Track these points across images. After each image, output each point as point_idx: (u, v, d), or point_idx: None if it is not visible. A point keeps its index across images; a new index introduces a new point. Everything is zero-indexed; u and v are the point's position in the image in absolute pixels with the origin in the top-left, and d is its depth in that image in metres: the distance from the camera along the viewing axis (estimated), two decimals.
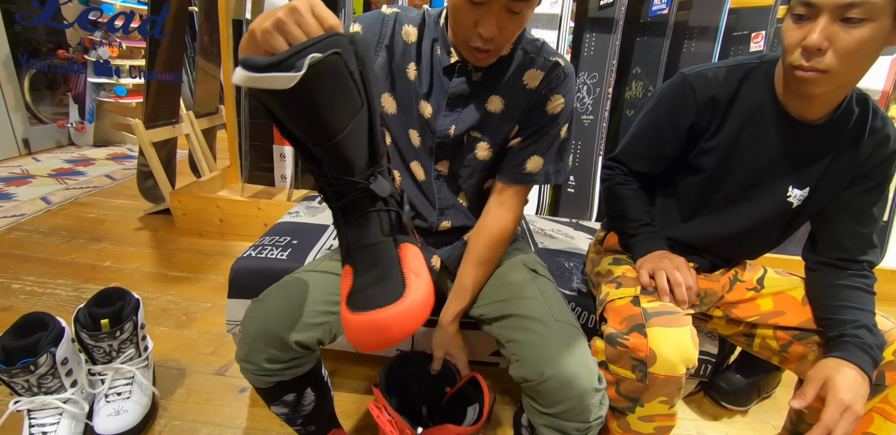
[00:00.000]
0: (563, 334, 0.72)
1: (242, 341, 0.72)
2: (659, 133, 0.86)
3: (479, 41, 0.68)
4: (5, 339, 0.89)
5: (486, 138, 0.81)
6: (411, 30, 0.79)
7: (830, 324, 0.77)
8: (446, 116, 0.79)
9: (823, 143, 0.78)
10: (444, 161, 0.83)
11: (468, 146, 0.82)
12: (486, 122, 0.79)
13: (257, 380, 0.73)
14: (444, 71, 0.77)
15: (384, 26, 0.78)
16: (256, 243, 1.11)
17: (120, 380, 1.02)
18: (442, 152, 0.82)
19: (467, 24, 0.67)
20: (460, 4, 0.66)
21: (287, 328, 0.70)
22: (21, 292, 1.49)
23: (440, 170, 0.84)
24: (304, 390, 0.78)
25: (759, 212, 0.83)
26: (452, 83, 0.77)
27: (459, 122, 0.79)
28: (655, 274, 0.78)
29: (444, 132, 0.79)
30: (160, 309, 1.46)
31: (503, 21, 0.66)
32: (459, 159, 0.83)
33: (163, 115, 2.07)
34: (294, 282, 0.78)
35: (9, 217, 1.99)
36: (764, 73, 0.78)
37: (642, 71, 1.90)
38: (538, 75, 0.77)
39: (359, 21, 0.78)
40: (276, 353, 0.70)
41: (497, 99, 0.78)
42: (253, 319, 0.72)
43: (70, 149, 3.08)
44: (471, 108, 0.79)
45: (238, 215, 1.99)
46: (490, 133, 0.80)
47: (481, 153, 0.82)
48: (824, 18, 0.63)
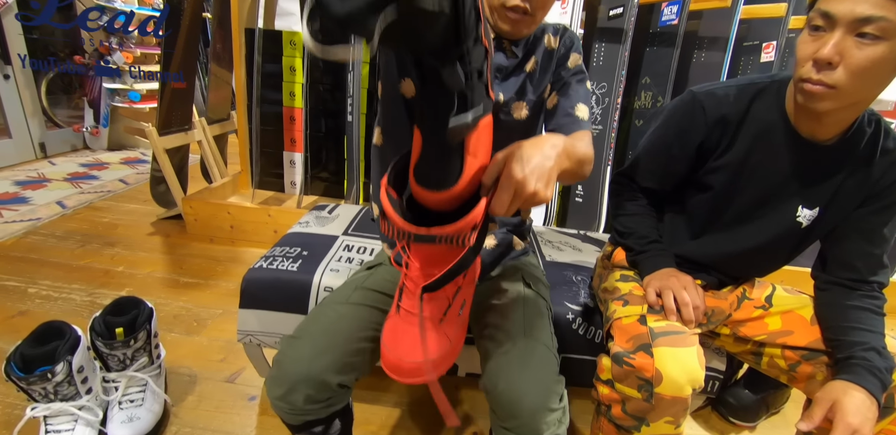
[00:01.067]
0: (526, 351, 0.73)
1: (278, 381, 0.70)
2: (668, 150, 0.86)
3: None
4: (24, 347, 0.91)
5: (524, 98, 0.83)
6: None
7: (839, 345, 0.77)
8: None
9: (834, 164, 0.78)
10: None
11: (505, 109, 0.83)
12: (524, 83, 0.82)
13: (291, 418, 0.73)
14: None
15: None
16: (267, 254, 1.13)
17: (133, 387, 1.04)
18: None
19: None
20: None
21: (330, 371, 0.69)
22: (37, 296, 1.52)
23: None
24: (333, 422, 0.78)
25: (768, 231, 0.83)
26: (495, 58, 0.78)
27: (505, 91, 0.80)
28: (662, 293, 0.79)
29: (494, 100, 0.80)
30: (172, 315, 1.48)
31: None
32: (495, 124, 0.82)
33: (176, 122, 2.10)
34: (329, 318, 0.77)
35: (25, 221, 2.03)
36: (775, 93, 0.78)
37: (651, 81, 1.90)
38: (554, 39, 0.83)
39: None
40: (316, 394, 0.69)
41: (533, 58, 0.82)
42: (293, 360, 0.70)
43: (85, 152, 3.14)
44: (513, 77, 0.81)
45: (249, 222, 2.02)
46: (528, 92, 0.83)
47: (518, 113, 0.83)
48: (839, 32, 0.63)
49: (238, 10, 2.02)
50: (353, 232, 1.28)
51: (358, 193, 2.08)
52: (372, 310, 0.80)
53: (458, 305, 0.67)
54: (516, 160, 0.55)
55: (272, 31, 2.13)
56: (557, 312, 1.02)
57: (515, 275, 0.90)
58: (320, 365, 0.69)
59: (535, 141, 0.59)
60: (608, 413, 0.77)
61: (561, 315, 1.02)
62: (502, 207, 0.55)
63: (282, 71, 2.14)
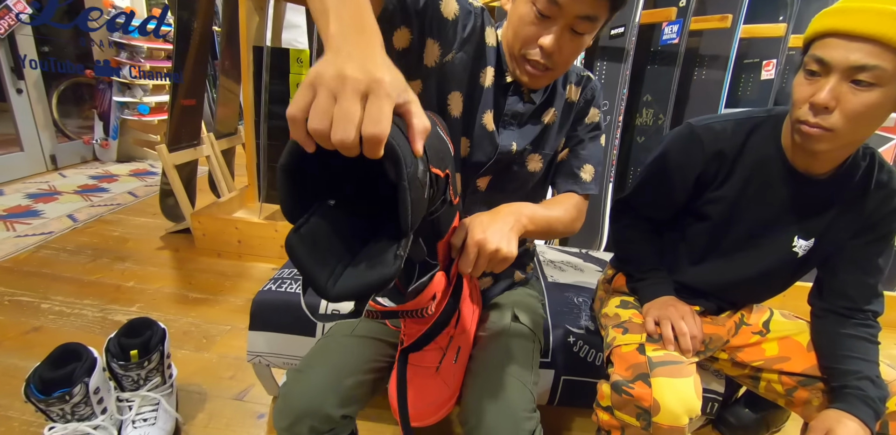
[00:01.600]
0: (500, 387, 0.73)
1: (284, 413, 0.72)
2: (666, 182, 0.89)
3: (537, 54, 0.68)
4: (42, 369, 0.95)
5: (538, 150, 0.82)
6: (491, 32, 0.74)
7: (834, 374, 0.79)
8: (504, 133, 0.78)
9: (829, 197, 0.80)
10: (488, 176, 0.82)
11: (520, 160, 0.82)
12: (542, 135, 0.81)
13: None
14: (501, 88, 0.76)
15: (475, 20, 0.70)
16: (276, 276, 1.16)
17: (146, 406, 1.07)
18: (494, 168, 0.80)
19: (529, 35, 0.67)
20: (526, 15, 0.66)
21: (334, 404, 0.71)
22: (50, 312, 1.55)
23: (479, 185, 0.82)
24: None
25: (764, 260, 0.86)
26: (508, 101, 0.77)
27: (520, 139, 0.79)
28: (661, 322, 0.81)
29: (507, 148, 0.78)
30: (182, 331, 1.51)
31: (565, 39, 0.67)
32: (507, 174, 0.82)
33: (185, 138, 2.14)
34: (334, 351, 0.79)
35: (38, 235, 2.07)
36: (772, 128, 0.81)
37: (653, 98, 1.93)
38: (576, 90, 0.83)
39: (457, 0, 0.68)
40: (320, 425, 0.71)
41: (552, 110, 0.81)
42: (299, 395, 0.72)
43: (94, 164, 3.19)
44: (528, 125, 0.80)
45: (256, 237, 2.05)
46: (544, 145, 0.83)
47: (533, 165, 0.83)
48: (835, 78, 0.65)
49: (246, 29, 2.06)
50: None
51: None
52: (377, 342, 0.82)
53: (453, 353, 0.70)
54: (477, 224, 0.62)
55: (280, 48, 2.17)
56: (559, 334, 1.04)
57: (505, 306, 0.90)
58: (324, 400, 0.71)
59: (496, 209, 0.69)
60: None
61: (563, 338, 1.05)
62: (468, 266, 0.61)
63: (289, 88, 2.18)
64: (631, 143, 2.01)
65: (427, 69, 0.69)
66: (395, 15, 0.60)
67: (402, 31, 0.63)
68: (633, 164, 2.02)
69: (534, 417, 0.73)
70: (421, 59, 0.68)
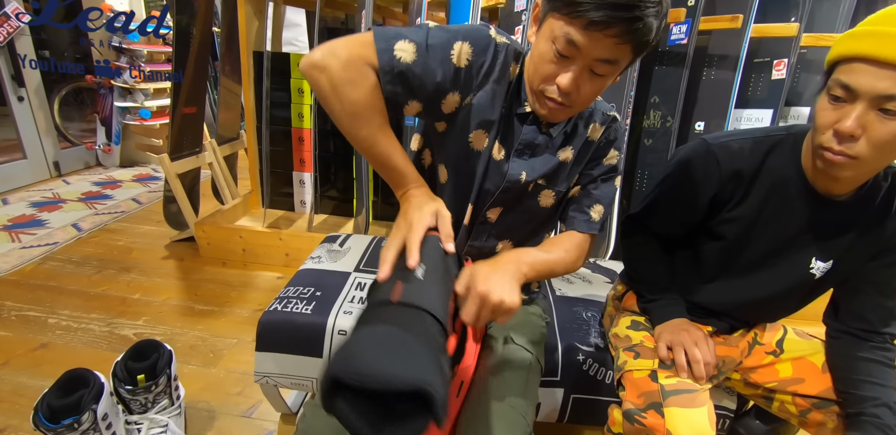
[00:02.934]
0: (493, 415, 0.72)
1: None
2: (680, 200, 0.86)
3: (555, 92, 0.67)
4: (50, 397, 0.94)
5: (552, 186, 0.82)
6: (516, 68, 0.74)
7: (850, 399, 0.77)
8: (515, 162, 0.77)
9: (849, 218, 0.78)
10: (498, 208, 0.82)
11: (532, 194, 0.81)
12: (556, 171, 0.80)
13: None
14: (518, 117, 0.76)
15: (496, 56, 0.71)
16: (281, 295, 1.15)
17: (155, 428, 1.07)
18: (503, 198, 0.80)
19: (548, 73, 0.66)
20: (546, 54, 0.65)
21: None
22: (57, 327, 1.56)
23: (489, 216, 0.82)
24: None
25: (780, 281, 0.83)
26: (524, 130, 0.76)
27: (531, 170, 0.78)
28: (674, 348, 0.80)
29: (515, 178, 0.77)
30: (188, 346, 1.51)
31: (583, 79, 0.65)
32: (517, 206, 0.82)
33: (187, 146, 2.13)
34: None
35: (42, 246, 2.08)
36: (791, 147, 0.78)
37: (660, 100, 1.89)
38: (599, 129, 0.81)
39: (470, 40, 0.69)
40: None
41: (569, 149, 0.80)
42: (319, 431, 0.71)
43: (98, 170, 3.19)
44: (542, 157, 0.79)
45: (260, 245, 2.04)
46: (558, 182, 0.82)
47: (545, 201, 0.83)
48: (861, 105, 0.62)
49: (246, 34, 2.04)
50: (364, 267, 1.30)
51: (367, 211, 2.09)
52: None
53: (456, 388, 0.69)
54: (480, 275, 0.63)
55: (280, 53, 2.15)
56: (568, 352, 1.03)
57: (502, 330, 0.88)
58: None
59: (496, 259, 0.70)
60: None
61: (572, 356, 1.03)
62: (471, 317, 0.61)
63: (290, 93, 2.16)
64: (638, 145, 1.98)
65: (447, 115, 0.73)
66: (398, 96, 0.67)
67: (413, 103, 0.70)
68: (641, 166, 1.99)
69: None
70: (440, 111, 0.72)
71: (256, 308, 1.73)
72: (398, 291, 0.56)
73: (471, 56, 0.69)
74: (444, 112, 0.72)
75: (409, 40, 0.65)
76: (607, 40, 0.61)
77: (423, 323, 0.52)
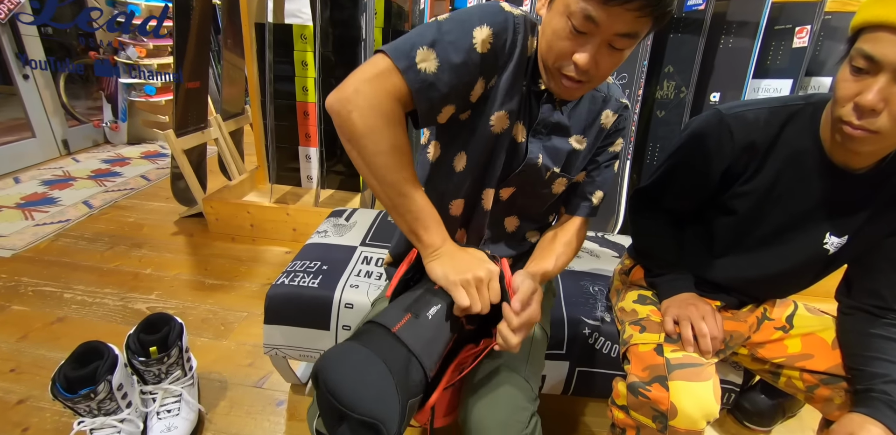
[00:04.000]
0: (496, 385, 0.72)
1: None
2: (691, 173, 0.84)
3: (573, 70, 0.64)
4: (66, 368, 0.97)
5: (566, 175, 0.81)
6: (533, 42, 0.70)
7: (860, 376, 0.76)
8: (533, 143, 0.76)
9: (867, 193, 0.75)
10: (511, 188, 0.80)
11: (548, 181, 0.80)
12: (570, 159, 0.80)
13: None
14: (535, 96, 0.73)
15: (516, 31, 0.66)
16: (288, 268, 1.16)
17: (169, 398, 1.10)
18: (517, 180, 0.78)
19: (563, 50, 0.63)
20: (562, 30, 0.62)
21: None
22: (73, 302, 1.59)
23: (502, 195, 0.81)
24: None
25: (792, 257, 0.81)
26: (542, 109, 0.74)
27: (547, 155, 0.77)
28: (681, 322, 0.79)
29: (533, 160, 0.76)
30: (200, 319, 1.54)
31: (602, 54, 0.62)
32: (530, 191, 0.81)
33: (192, 121, 2.12)
34: None
35: (55, 223, 2.10)
36: (809, 117, 0.74)
37: (675, 69, 1.82)
38: (612, 116, 0.80)
39: (487, 21, 0.64)
40: None
41: (582, 138, 0.79)
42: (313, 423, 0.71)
43: (106, 147, 3.19)
44: (557, 143, 0.77)
45: (268, 221, 2.05)
46: (572, 170, 0.81)
47: (558, 188, 0.82)
48: (884, 77, 0.58)
49: (247, 5, 1.98)
50: (370, 242, 1.30)
51: None
52: None
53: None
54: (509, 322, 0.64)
55: (282, 25, 2.09)
56: (574, 325, 1.03)
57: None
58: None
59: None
60: None
61: (578, 329, 1.03)
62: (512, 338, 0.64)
63: (293, 65, 2.12)
64: (650, 116, 1.93)
65: (474, 103, 0.70)
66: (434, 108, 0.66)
67: (447, 108, 0.68)
68: (652, 139, 1.94)
69: (529, 409, 0.71)
70: (468, 101, 0.69)
71: (265, 282, 1.75)
72: (401, 324, 0.61)
73: (492, 38, 0.64)
74: (471, 102, 0.69)
75: (425, 47, 0.61)
76: (628, 14, 0.57)
77: (407, 366, 0.58)
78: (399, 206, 0.66)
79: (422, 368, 0.59)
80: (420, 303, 0.64)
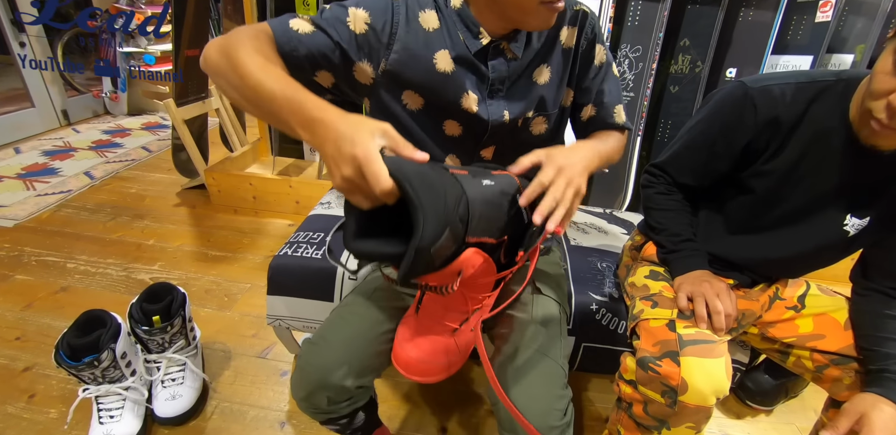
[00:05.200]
0: (529, 366, 0.71)
1: (300, 384, 0.72)
2: (710, 148, 0.80)
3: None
4: (69, 336, 0.96)
5: (541, 112, 0.78)
6: (430, 15, 0.70)
7: (873, 356, 0.75)
8: (492, 104, 0.74)
9: (892, 174, 0.72)
10: (491, 147, 0.79)
11: (522, 126, 0.78)
12: (540, 98, 0.76)
13: (316, 416, 0.76)
14: (477, 55, 0.71)
15: (396, 14, 0.68)
16: (291, 239, 1.14)
17: (173, 367, 1.11)
18: (492, 140, 0.78)
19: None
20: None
21: (349, 377, 0.71)
22: (76, 272, 1.59)
23: (483, 156, 0.80)
24: (357, 414, 0.82)
25: (811, 238, 0.79)
26: (491, 67, 0.71)
27: (511, 106, 0.74)
28: (695, 299, 0.77)
29: (499, 120, 0.74)
30: (203, 290, 1.54)
31: None
32: (510, 142, 0.79)
33: (193, 91, 2.07)
34: (348, 322, 0.77)
35: (57, 193, 2.08)
36: (839, 95, 0.70)
37: (691, 43, 1.76)
38: (572, 31, 0.75)
39: (363, 5, 0.67)
40: (336, 396, 0.72)
41: (544, 69, 0.75)
42: (314, 368, 0.71)
43: (106, 118, 3.14)
44: (518, 88, 0.75)
45: (271, 193, 2.03)
46: (547, 106, 0.78)
47: (537, 128, 0.80)
48: None
49: None
50: None
51: None
52: (391, 310, 0.80)
53: (475, 321, 0.67)
54: (557, 153, 0.62)
55: None
56: (581, 301, 1.02)
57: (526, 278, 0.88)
58: (340, 373, 0.70)
59: (572, 146, 0.67)
60: (629, 410, 0.79)
61: (585, 305, 1.02)
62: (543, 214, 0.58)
63: None
64: (663, 92, 1.87)
65: (368, 87, 0.71)
66: (302, 64, 0.65)
67: (322, 74, 0.68)
68: (664, 115, 1.89)
69: (566, 396, 0.71)
70: (356, 82, 0.70)
71: (268, 254, 1.74)
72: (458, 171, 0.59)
73: (368, 19, 0.67)
74: (362, 84, 0.71)
75: (303, 18, 0.66)
76: None
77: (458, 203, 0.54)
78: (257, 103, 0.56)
79: (467, 213, 0.55)
80: (478, 172, 0.62)
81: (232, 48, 0.58)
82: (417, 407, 1.17)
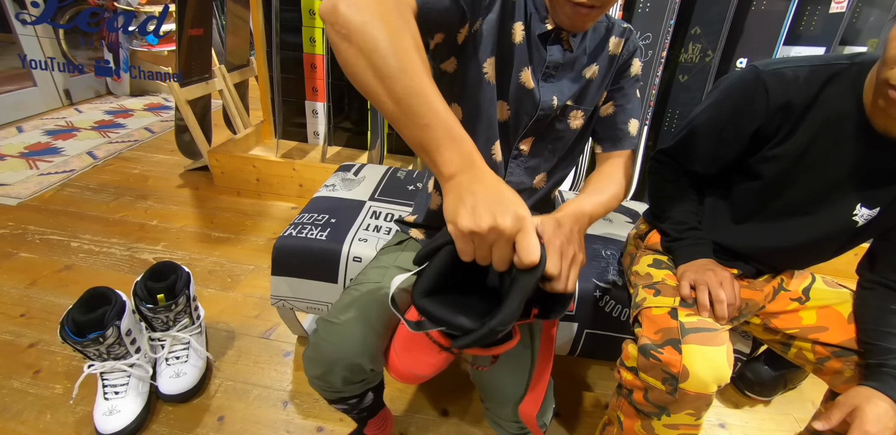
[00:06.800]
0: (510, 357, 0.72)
1: (315, 362, 0.73)
2: (719, 133, 0.80)
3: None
4: (74, 312, 0.97)
5: (581, 106, 0.80)
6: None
7: (873, 350, 0.75)
8: (545, 86, 0.75)
9: None
10: (530, 138, 0.79)
11: (562, 116, 0.79)
12: (584, 91, 0.78)
13: (328, 394, 0.78)
14: (540, 38, 0.72)
15: None
16: (296, 221, 1.14)
17: (177, 345, 1.12)
18: (536, 127, 0.77)
19: None
20: None
21: (365, 357, 0.71)
22: (80, 251, 1.59)
23: (522, 148, 0.80)
24: (367, 395, 0.83)
25: (818, 228, 0.78)
26: (549, 51, 0.73)
27: (559, 93, 0.76)
28: (697, 287, 0.77)
29: (549, 104, 0.75)
30: (207, 271, 1.54)
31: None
32: (550, 133, 0.80)
33: (196, 71, 2.04)
34: (364, 303, 0.76)
35: (60, 173, 2.08)
36: (853, 79, 0.69)
37: (702, 31, 1.73)
38: (619, 42, 0.79)
39: None
40: (351, 376, 0.73)
41: (594, 66, 0.77)
42: (331, 346, 0.72)
43: (108, 99, 3.12)
44: (568, 78, 0.76)
45: (274, 175, 2.02)
46: (586, 101, 0.80)
47: (575, 122, 0.80)
48: None
49: None
50: (379, 196, 1.27)
51: (382, 144, 2.03)
52: (406, 292, 0.80)
53: None
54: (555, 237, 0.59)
55: None
56: (584, 288, 1.02)
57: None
58: (356, 352, 0.71)
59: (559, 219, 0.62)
60: (629, 396, 0.79)
61: (588, 292, 1.03)
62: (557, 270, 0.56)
63: (301, 14, 2.02)
64: (671, 81, 1.85)
65: (459, 46, 0.68)
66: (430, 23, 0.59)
67: (437, 36, 0.64)
68: (672, 105, 1.87)
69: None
70: (455, 40, 0.67)
71: (272, 237, 1.74)
72: None
73: None
74: (457, 43, 0.68)
75: None
76: None
77: None
78: (407, 108, 0.46)
79: None
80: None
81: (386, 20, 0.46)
82: (419, 389, 1.19)
